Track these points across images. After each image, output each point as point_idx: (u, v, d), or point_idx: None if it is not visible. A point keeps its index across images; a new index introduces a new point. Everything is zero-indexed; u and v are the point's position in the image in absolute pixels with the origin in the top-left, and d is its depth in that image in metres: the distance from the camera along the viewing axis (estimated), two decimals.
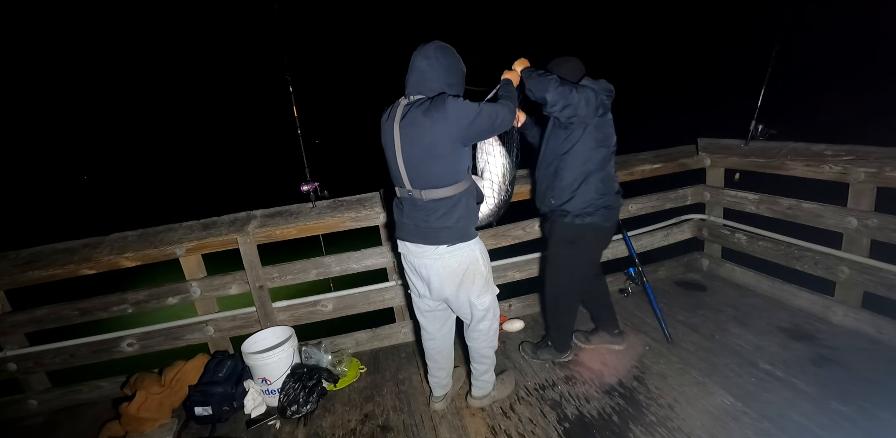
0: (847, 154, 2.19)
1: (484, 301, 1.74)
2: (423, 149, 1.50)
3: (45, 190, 16.88)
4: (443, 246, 1.61)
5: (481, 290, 1.71)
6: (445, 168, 1.53)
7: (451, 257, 1.62)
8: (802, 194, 2.46)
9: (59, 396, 2.36)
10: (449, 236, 1.60)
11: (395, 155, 1.55)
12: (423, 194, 1.56)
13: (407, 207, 1.64)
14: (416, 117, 1.49)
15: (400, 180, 1.60)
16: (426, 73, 1.54)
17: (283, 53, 2.27)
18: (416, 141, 1.50)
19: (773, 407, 1.81)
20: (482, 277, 1.70)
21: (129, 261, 2.21)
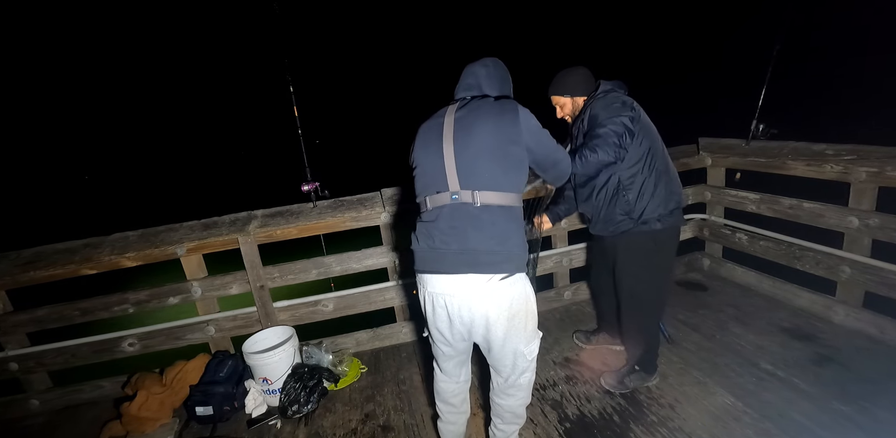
0: (848, 154, 2.19)
1: (533, 350, 1.41)
2: (485, 139, 1.27)
3: (45, 190, 16.90)
4: (497, 276, 1.26)
5: (532, 334, 1.39)
6: (509, 168, 1.29)
7: (504, 292, 1.28)
8: (803, 193, 2.46)
9: (60, 396, 2.36)
10: (505, 262, 1.27)
11: (441, 150, 1.30)
12: (477, 197, 1.26)
13: (445, 222, 1.29)
14: (481, 107, 1.33)
15: (441, 182, 1.30)
16: (482, 78, 1.45)
17: (284, 54, 2.27)
18: (478, 131, 1.28)
19: (774, 407, 1.81)
20: (534, 319, 1.39)
21: (130, 261, 2.21)
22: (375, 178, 4.04)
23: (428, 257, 1.32)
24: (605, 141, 1.70)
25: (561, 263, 2.78)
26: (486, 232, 1.26)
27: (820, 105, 10.56)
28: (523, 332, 1.35)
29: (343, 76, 25.60)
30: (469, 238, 1.26)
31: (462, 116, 1.33)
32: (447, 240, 1.28)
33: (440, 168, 1.30)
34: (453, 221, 1.28)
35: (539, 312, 2.76)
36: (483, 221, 1.26)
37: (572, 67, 1.90)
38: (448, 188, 1.29)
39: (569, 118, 1.95)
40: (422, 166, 1.37)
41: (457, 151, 1.29)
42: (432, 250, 1.31)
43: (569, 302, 2.88)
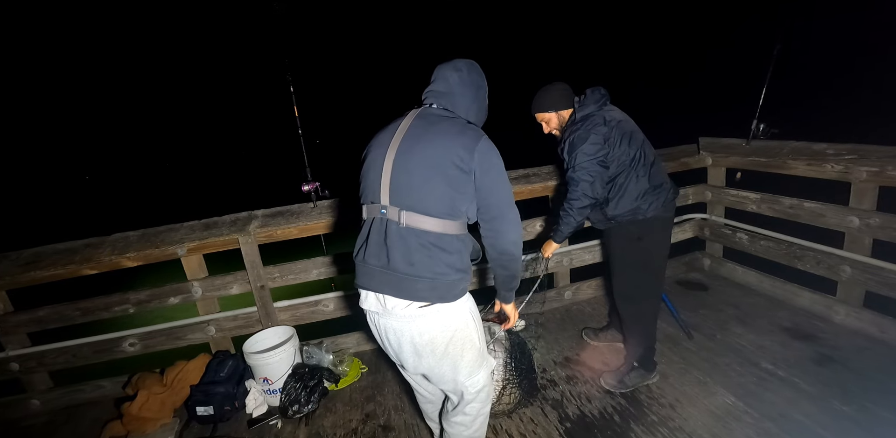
0: (849, 153, 2.19)
1: (476, 381, 1.32)
2: (431, 156, 1.16)
3: (46, 190, 16.92)
4: (417, 304, 1.18)
5: (473, 366, 1.30)
6: (443, 193, 1.16)
7: (428, 320, 1.20)
8: (804, 193, 2.46)
9: (61, 396, 2.36)
10: (427, 290, 1.17)
11: (382, 156, 1.21)
12: (403, 218, 1.16)
13: (374, 237, 1.21)
14: (442, 122, 1.23)
15: (375, 192, 1.21)
16: (455, 85, 1.31)
17: (284, 54, 2.27)
18: (426, 145, 1.17)
19: (774, 407, 1.81)
20: (474, 348, 1.28)
21: (130, 261, 2.21)
22: None
23: (359, 270, 1.26)
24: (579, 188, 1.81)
25: (561, 263, 2.78)
26: (410, 256, 1.16)
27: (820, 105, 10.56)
28: (460, 361, 1.27)
29: (343, 76, 25.53)
30: (392, 259, 1.17)
31: (417, 126, 1.23)
32: (374, 255, 1.21)
33: (377, 177, 1.21)
34: (380, 236, 1.20)
35: (539, 312, 2.78)
36: (408, 244, 1.16)
37: (550, 84, 1.95)
38: (379, 200, 1.20)
39: (556, 132, 1.98)
40: (365, 170, 1.28)
41: (396, 162, 1.18)
42: (363, 264, 1.24)
43: (569, 302, 2.88)
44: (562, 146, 1.90)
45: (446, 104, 1.31)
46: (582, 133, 1.81)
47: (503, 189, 1.23)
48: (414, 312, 1.19)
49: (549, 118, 1.96)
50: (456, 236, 1.20)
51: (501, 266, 1.34)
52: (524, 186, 2.57)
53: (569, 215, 1.87)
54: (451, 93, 1.31)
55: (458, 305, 1.23)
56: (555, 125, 1.97)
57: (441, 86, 1.32)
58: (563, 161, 1.91)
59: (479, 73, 1.36)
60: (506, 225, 1.24)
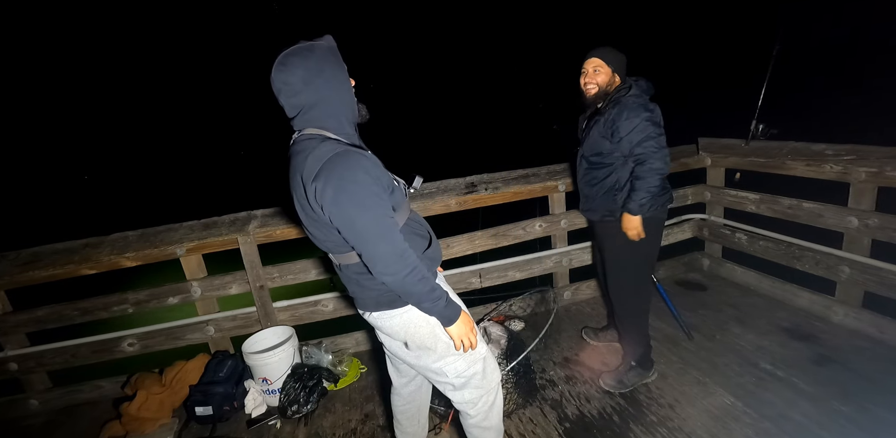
0: (848, 154, 2.19)
1: (454, 367, 1.32)
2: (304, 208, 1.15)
3: (45, 190, 16.89)
4: (367, 313, 1.31)
5: (442, 353, 1.30)
6: (327, 233, 1.16)
7: (384, 323, 1.29)
8: (803, 193, 2.46)
9: (59, 396, 2.36)
10: (374, 302, 1.26)
11: None
12: (332, 258, 1.28)
13: None
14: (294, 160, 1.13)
15: None
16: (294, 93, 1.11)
17: None
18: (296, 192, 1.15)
19: (773, 407, 1.81)
20: (437, 340, 1.29)
21: (129, 261, 2.21)
22: None
23: None
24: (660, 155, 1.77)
25: (561, 263, 2.78)
26: (351, 284, 1.28)
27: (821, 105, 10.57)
28: (427, 352, 1.29)
29: None
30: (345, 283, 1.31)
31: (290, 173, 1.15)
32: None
33: None
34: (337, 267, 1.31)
35: (539, 312, 2.77)
36: (345, 275, 1.27)
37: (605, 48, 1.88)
38: None
39: (594, 89, 1.86)
40: None
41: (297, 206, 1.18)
42: None
43: (569, 302, 2.88)
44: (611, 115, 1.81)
45: (305, 125, 1.15)
46: (650, 105, 1.78)
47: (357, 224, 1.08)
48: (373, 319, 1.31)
49: (605, 72, 1.85)
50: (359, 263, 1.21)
51: None
52: (523, 186, 2.57)
53: (649, 183, 1.77)
54: (297, 114, 1.15)
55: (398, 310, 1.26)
56: (601, 81, 1.85)
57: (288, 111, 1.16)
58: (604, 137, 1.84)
59: (307, 56, 1.10)
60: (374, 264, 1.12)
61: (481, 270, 2.63)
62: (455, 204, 2.48)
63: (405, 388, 1.55)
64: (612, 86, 1.86)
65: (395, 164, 1.48)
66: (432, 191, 2.48)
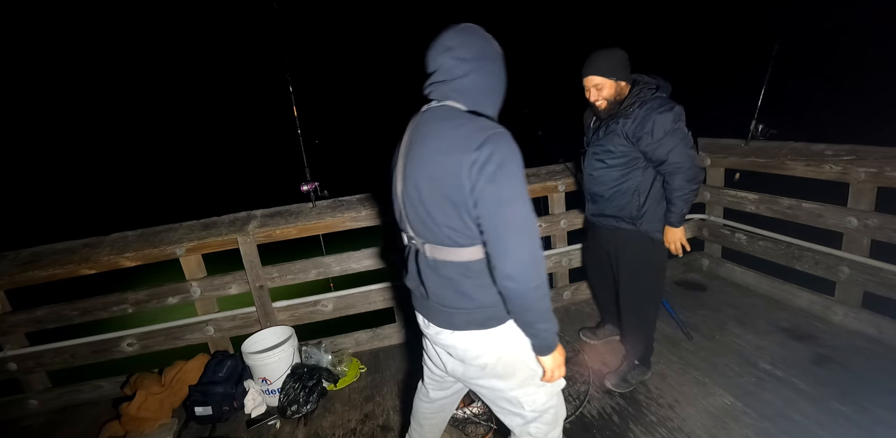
0: (847, 154, 2.19)
1: (532, 399, 1.17)
2: (429, 180, 0.98)
3: (45, 190, 16.89)
4: (449, 332, 1.11)
5: (524, 382, 1.15)
6: (457, 220, 0.98)
7: (467, 345, 1.10)
8: (803, 193, 2.47)
9: (59, 396, 2.36)
10: (467, 321, 1.08)
11: (394, 182, 1.09)
12: (427, 250, 1.06)
13: (411, 264, 1.15)
14: (434, 127, 1.00)
15: (401, 220, 1.11)
16: (452, 69, 1.04)
17: (283, 53, 2.27)
18: (422, 165, 0.99)
19: (773, 407, 1.81)
20: (527, 368, 1.14)
21: (129, 261, 2.21)
22: (375, 178, 4.03)
23: (417, 300, 1.21)
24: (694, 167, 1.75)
25: (560, 263, 2.78)
26: (443, 289, 1.07)
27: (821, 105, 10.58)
28: (509, 378, 1.14)
29: (343, 76, 25.72)
30: (430, 289, 1.10)
31: (415, 138, 1.03)
32: (412, 282, 1.16)
33: (399, 206, 1.10)
34: (414, 265, 1.13)
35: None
36: (439, 275, 1.07)
37: (611, 48, 1.75)
38: (408, 230, 1.10)
39: (604, 103, 1.77)
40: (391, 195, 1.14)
41: (406, 191, 1.04)
42: (406, 285, 1.20)
43: (568, 302, 2.88)
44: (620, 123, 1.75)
45: (450, 95, 1.05)
46: (677, 108, 1.70)
47: (507, 209, 0.93)
48: (454, 338, 1.11)
49: (606, 85, 1.73)
50: (478, 260, 1.03)
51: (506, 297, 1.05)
52: None
53: (688, 195, 1.77)
54: (451, 79, 1.05)
55: (500, 329, 1.09)
56: (607, 95, 1.75)
57: (439, 75, 1.06)
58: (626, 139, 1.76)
59: (477, 38, 1.06)
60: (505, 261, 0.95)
61: None
62: None
63: (442, 400, 1.41)
64: (621, 94, 1.77)
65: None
66: None
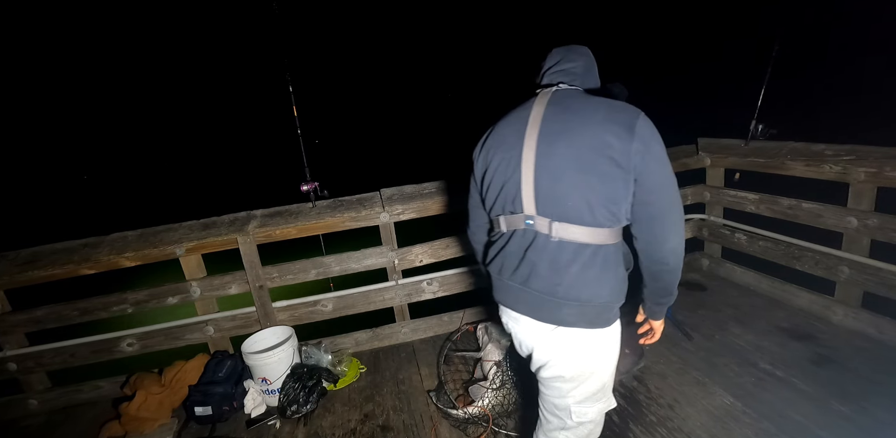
0: (847, 154, 2.19)
1: (586, 412, 1.15)
2: (576, 153, 0.96)
3: (45, 190, 16.89)
4: (550, 328, 1.06)
5: (590, 396, 1.14)
6: (601, 196, 0.96)
7: (565, 344, 1.06)
8: (803, 193, 2.47)
9: (59, 396, 2.36)
10: (575, 315, 1.02)
11: (517, 158, 1.02)
12: (554, 229, 0.99)
13: (513, 250, 1.07)
14: (584, 104, 1.01)
15: (516, 200, 1.04)
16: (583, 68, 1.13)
17: (283, 53, 2.27)
18: (568, 139, 0.97)
19: (772, 407, 1.81)
20: (600, 381, 1.12)
21: (128, 261, 2.21)
22: (375, 178, 4.03)
23: (497, 285, 1.15)
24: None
25: None
26: (560, 276, 1.00)
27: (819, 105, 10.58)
28: (580, 386, 1.11)
29: (343, 76, 25.76)
30: (539, 277, 1.02)
31: (553, 114, 1.01)
32: (514, 273, 1.07)
33: (515, 183, 1.03)
34: (525, 252, 1.04)
35: None
36: (559, 261, 1.00)
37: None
38: (523, 210, 1.03)
39: None
40: (494, 176, 1.08)
41: (539, 163, 0.99)
42: (499, 279, 1.12)
43: None
44: None
45: (573, 78, 1.10)
46: None
47: (667, 183, 0.98)
48: (560, 337, 1.06)
49: None
50: (613, 246, 1.01)
51: (653, 277, 1.08)
52: None
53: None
54: (582, 75, 1.12)
55: (607, 332, 1.06)
56: None
57: (571, 66, 1.11)
58: None
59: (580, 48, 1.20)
60: (666, 229, 0.99)
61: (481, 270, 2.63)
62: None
63: None
64: None
65: (392, 163, 1.46)
66: (432, 191, 2.48)
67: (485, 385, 1.96)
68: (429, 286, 2.57)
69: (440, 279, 2.58)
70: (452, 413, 1.92)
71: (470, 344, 2.47)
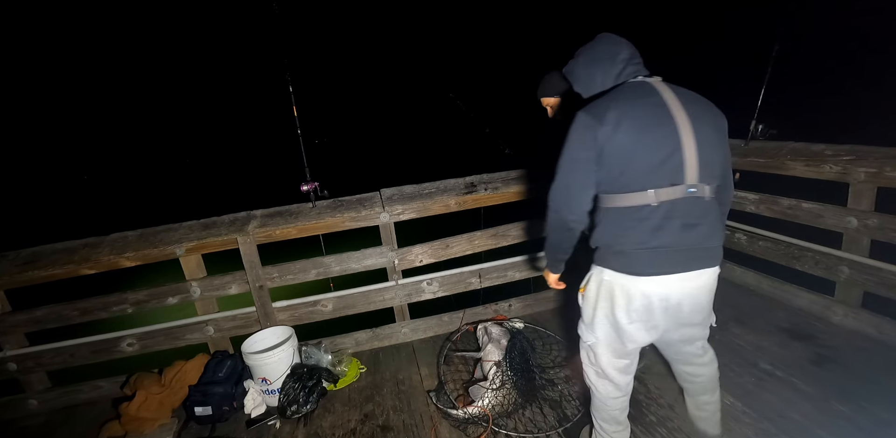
0: (847, 154, 2.19)
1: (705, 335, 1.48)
2: (715, 129, 1.26)
3: (45, 190, 16.90)
4: (712, 270, 1.29)
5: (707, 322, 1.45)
6: (725, 163, 1.32)
7: (713, 281, 1.32)
8: (802, 193, 2.47)
9: (58, 396, 2.36)
10: (719, 254, 1.30)
11: (678, 137, 1.20)
12: (707, 191, 1.24)
13: (678, 218, 1.22)
14: (692, 96, 1.28)
15: (675, 173, 1.21)
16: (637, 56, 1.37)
17: (283, 53, 2.27)
18: (706, 118, 1.25)
19: (772, 407, 1.81)
20: None
21: (128, 261, 2.21)
22: (375, 178, 4.03)
23: (648, 258, 1.23)
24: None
25: None
26: (716, 227, 1.27)
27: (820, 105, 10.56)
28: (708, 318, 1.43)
29: (343, 76, 25.72)
30: (704, 234, 1.24)
31: (685, 101, 1.24)
32: (680, 237, 1.22)
33: (676, 158, 1.20)
34: (688, 217, 1.22)
35: (538, 312, 2.78)
36: (713, 215, 1.27)
37: (552, 70, 1.94)
38: (684, 181, 1.21)
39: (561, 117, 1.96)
40: (646, 154, 1.20)
41: (698, 140, 1.20)
42: (654, 250, 1.22)
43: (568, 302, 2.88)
44: None
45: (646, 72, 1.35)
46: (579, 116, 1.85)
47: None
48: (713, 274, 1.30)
49: (555, 103, 1.95)
50: None
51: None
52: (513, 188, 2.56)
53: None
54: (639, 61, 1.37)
55: None
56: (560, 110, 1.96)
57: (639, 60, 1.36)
58: None
59: None
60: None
61: (481, 270, 2.63)
62: (454, 204, 2.48)
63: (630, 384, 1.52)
64: None
65: (392, 163, 1.47)
66: (432, 191, 2.48)
67: (485, 386, 1.96)
68: (429, 286, 2.58)
69: (440, 279, 2.58)
70: (452, 413, 1.92)
71: (470, 344, 2.47)
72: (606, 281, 1.32)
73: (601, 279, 1.33)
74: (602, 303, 1.35)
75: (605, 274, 1.32)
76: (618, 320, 1.32)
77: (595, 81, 1.37)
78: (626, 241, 1.25)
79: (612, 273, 1.30)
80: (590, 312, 1.41)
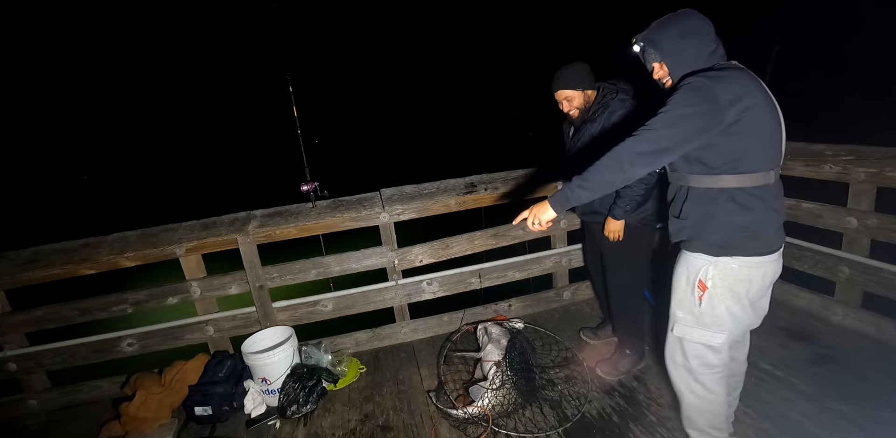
0: (847, 154, 2.19)
1: None
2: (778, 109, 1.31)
3: (45, 190, 16.89)
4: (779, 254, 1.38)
5: None
6: None
7: None
8: (802, 193, 2.46)
9: (58, 396, 2.36)
10: None
11: (779, 123, 1.27)
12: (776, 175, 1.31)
13: (769, 202, 1.29)
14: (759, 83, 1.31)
15: (776, 157, 1.29)
16: None
17: (283, 53, 2.27)
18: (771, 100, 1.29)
19: (772, 407, 1.81)
20: None
21: (128, 261, 2.21)
22: (375, 178, 4.03)
23: (771, 237, 1.32)
24: None
25: (560, 263, 2.78)
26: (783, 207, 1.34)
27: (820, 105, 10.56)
28: None
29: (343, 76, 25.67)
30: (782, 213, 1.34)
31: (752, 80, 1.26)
32: (779, 217, 1.32)
33: (777, 143, 1.27)
34: (775, 199, 1.31)
35: (538, 312, 2.78)
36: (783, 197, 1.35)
37: (573, 63, 1.96)
38: (779, 164, 1.29)
39: (576, 112, 1.98)
40: (763, 137, 1.23)
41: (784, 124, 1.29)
42: (764, 230, 1.30)
43: (568, 302, 2.88)
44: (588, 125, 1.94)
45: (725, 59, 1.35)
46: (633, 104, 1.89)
47: None
48: None
49: (575, 97, 1.95)
50: None
51: None
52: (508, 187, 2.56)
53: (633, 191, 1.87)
54: None
55: None
56: (577, 105, 1.97)
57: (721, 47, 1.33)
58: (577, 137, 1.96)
59: None
60: None
61: (481, 270, 2.63)
62: (454, 204, 2.48)
63: None
64: (589, 102, 1.97)
65: (392, 163, 1.46)
66: (432, 191, 2.48)
67: (485, 386, 1.96)
68: (429, 286, 2.58)
69: (440, 279, 2.58)
70: (452, 413, 1.92)
71: (470, 344, 2.47)
72: (734, 269, 1.29)
73: (729, 268, 1.30)
74: (729, 294, 1.32)
75: (733, 263, 1.29)
76: (744, 307, 1.33)
77: (688, 54, 1.27)
78: (755, 223, 1.27)
79: (743, 259, 1.29)
80: (720, 309, 1.34)
